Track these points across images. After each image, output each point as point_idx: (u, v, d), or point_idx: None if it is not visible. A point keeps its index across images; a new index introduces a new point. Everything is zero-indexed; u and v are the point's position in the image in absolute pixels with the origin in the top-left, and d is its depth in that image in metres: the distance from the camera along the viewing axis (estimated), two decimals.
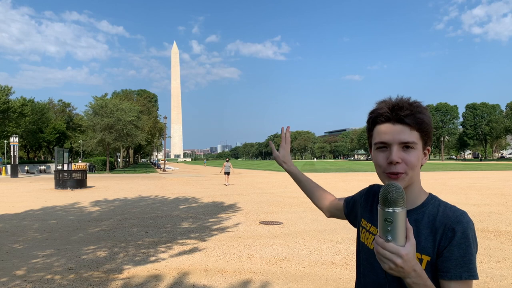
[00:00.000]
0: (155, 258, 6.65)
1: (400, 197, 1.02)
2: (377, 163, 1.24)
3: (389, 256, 1.02)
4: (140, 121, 50.77)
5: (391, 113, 1.20)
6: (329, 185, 23.14)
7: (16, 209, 13.12)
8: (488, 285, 5.19)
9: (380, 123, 1.23)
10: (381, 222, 1.04)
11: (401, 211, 1.02)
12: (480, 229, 9.05)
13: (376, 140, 1.23)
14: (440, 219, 1.21)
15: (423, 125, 1.20)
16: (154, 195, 17.58)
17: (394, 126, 1.19)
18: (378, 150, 1.23)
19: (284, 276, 5.58)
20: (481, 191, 18.27)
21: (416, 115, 1.19)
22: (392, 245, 1.02)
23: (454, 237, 1.16)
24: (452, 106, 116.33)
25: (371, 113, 1.27)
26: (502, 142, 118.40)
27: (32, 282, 5.37)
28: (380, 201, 1.05)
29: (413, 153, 1.19)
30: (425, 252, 1.18)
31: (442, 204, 1.26)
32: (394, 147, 1.18)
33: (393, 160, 1.17)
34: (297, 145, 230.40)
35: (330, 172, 42.76)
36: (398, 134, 1.18)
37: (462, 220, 1.19)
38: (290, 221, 10.32)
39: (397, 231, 1.02)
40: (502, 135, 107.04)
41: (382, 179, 1.24)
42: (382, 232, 1.04)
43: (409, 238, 1.04)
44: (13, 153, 35.81)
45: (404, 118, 1.18)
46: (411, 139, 1.18)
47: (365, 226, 1.38)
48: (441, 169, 47.30)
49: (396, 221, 1.01)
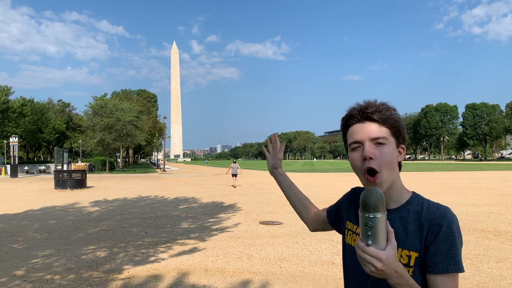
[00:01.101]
0: (155, 258, 6.65)
1: (380, 202, 1.03)
2: (353, 163, 1.27)
3: (369, 259, 1.04)
4: (140, 121, 50.76)
5: (360, 113, 1.26)
6: (329, 185, 23.15)
7: (16, 209, 13.11)
8: (488, 285, 5.19)
9: (351, 125, 1.29)
10: (361, 227, 1.06)
11: (381, 216, 1.03)
12: (480, 229, 9.05)
13: (350, 141, 1.28)
14: (425, 215, 1.23)
15: (391, 120, 1.25)
16: (153, 195, 17.58)
17: (364, 124, 1.25)
18: (353, 151, 1.27)
19: (284, 276, 5.58)
20: (481, 191, 18.28)
21: (382, 112, 1.25)
22: (372, 249, 1.04)
23: (440, 231, 1.19)
24: (452, 106, 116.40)
25: (343, 119, 1.33)
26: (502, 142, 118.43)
27: (32, 282, 5.37)
28: (360, 206, 1.06)
29: (385, 148, 1.22)
30: (413, 248, 1.21)
31: (425, 201, 1.29)
32: (366, 143, 1.22)
33: (366, 155, 1.21)
34: (297, 145, 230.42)
35: (330, 172, 42.76)
36: (368, 130, 1.23)
37: (447, 215, 1.22)
38: (290, 221, 10.32)
39: (378, 235, 1.04)
40: (501, 135, 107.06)
41: (363, 182, 1.27)
42: (362, 236, 1.06)
43: (390, 241, 1.06)
44: (12, 153, 35.80)
45: (371, 115, 1.24)
46: (380, 134, 1.22)
47: (350, 228, 1.40)
48: (441, 169, 47.32)
49: (376, 226, 1.03)
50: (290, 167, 64.83)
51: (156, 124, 69.71)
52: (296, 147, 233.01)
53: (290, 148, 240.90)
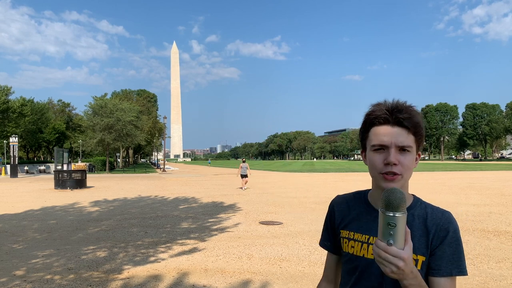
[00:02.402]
0: (155, 258, 6.65)
1: (402, 202, 1.04)
2: (373, 164, 1.26)
3: (392, 259, 1.04)
4: (140, 121, 50.76)
5: (391, 115, 1.22)
6: (329, 185, 23.15)
7: (16, 209, 13.10)
8: (488, 285, 5.19)
9: (378, 124, 1.25)
10: (383, 226, 1.06)
11: (402, 215, 1.05)
12: (480, 229, 9.05)
13: (374, 142, 1.25)
14: (431, 220, 1.26)
15: (419, 128, 1.24)
16: (153, 195, 17.57)
17: (393, 128, 1.22)
18: (374, 152, 1.25)
19: (284, 276, 5.58)
20: (481, 191, 18.27)
21: (413, 119, 1.23)
22: (395, 248, 1.04)
23: (446, 236, 1.23)
24: (452, 106, 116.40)
25: (368, 115, 1.29)
26: (502, 142, 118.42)
27: (32, 282, 5.36)
28: (382, 205, 1.07)
29: (409, 156, 1.23)
30: (420, 252, 1.23)
31: (428, 205, 1.32)
32: (392, 149, 1.21)
33: (391, 161, 1.20)
34: (297, 145, 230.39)
35: (330, 172, 42.77)
36: (396, 136, 1.21)
37: (452, 221, 1.26)
38: (290, 221, 10.31)
39: (398, 235, 1.05)
40: (502, 135, 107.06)
41: (377, 181, 1.27)
42: (383, 236, 1.06)
43: (407, 241, 1.07)
44: (12, 153, 35.81)
45: (403, 121, 1.21)
46: (407, 143, 1.22)
47: (346, 236, 1.38)
48: (441, 169, 47.32)
49: (398, 225, 1.04)
50: (290, 167, 64.83)
51: (156, 124, 69.72)
52: (296, 147, 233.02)
53: (290, 148, 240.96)
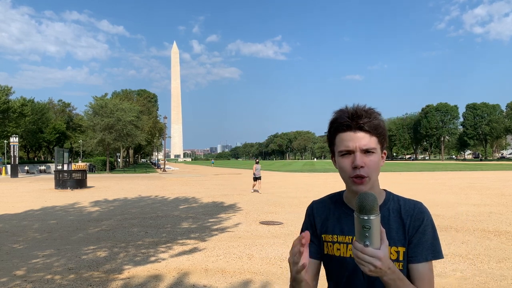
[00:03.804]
0: (155, 258, 6.65)
1: (375, 204, 1.10)
2: (342, 168, 1.36)
3: (369, 259, 1.10)
4: (140, 121, 50.79)
5: (351, 121, 1.32)
6: (329, 185, 23.14)
7: (16, 209, 13.11)
8: (488, 285, 5.19)
9: (341, 131, 1.35)
10: (358, 229, 1.12)
11: (376, 217, 1.10)
12: (481, 229, 9.05)
13: (341, 148, 1.35)
14: (405, 212, 1.36)
15: (379, 129, 1.34)
16: (154, 195, 17.58)
17: (356, 134, 1.32)
18: (342, 157, 1.35)
19: (284, 276, 5.58)
20: (481, 191, 18.26)
21: (373, 121, 1.32)
22: (371, 249, 1.10)
23: (420, 225, 1.33)
24: (452, 106, 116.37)
25: (332, 123, 1.38)
26: (502, 142, 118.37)
27: (32, 282, 5.36)
28: (356, 209, 1.12)
29: (374, 157, 1.33)
30: (400, 244, 1.33)
31: (400, 198, 1.42)
32: (357, 153, 1.31)
33: (358, 165, 1.30)
34: (297, 145, 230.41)
35: (330, 172, 42.75)
36: (359, 141, 1.31)
37: (424, 210, 1.36)
38: (290, 221, 10.31)
39: (374, 236, 1.10)
40: (502, 135, 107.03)
41: (348, 184, 1.37)
42: (359, 238, 1.12)
43: (383, 240, 1.13)
44: (13, 153, 35.83)
45: (364, 126, 1.31)
46: (371, 145, 1.31)
47: (328, 240, 1.43)
48: (441, 169, 47.32)
49: (372, 227, 1.10)
50: (291, 167, 64.85)
51: (157, 124, 69.75)
52: (297, 147, 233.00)
53: (290, 148, 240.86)
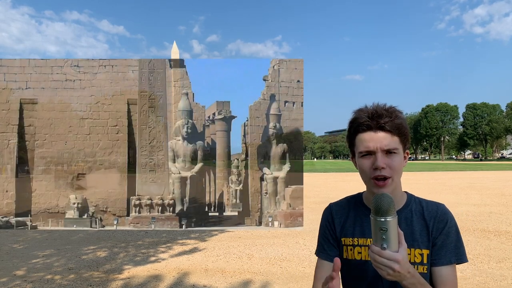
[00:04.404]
0: (155, 258, 6.65)
1: (391, 206, 1.07)
2: (362, 169, 1.29)
3: (387, 263, 1.06)
4: None
5: (371, 121, 1.25)
6: (329, 185, 23.14)
7: None
8: (488, 285, 5.18)
9: (361, 132, 1.28)
10: (375, 231, 1.09)
11: (393, 219, 1.07)
12: (481, 229, 9.04)
13: (361, 149, 1.28)
14: (428, 213, 1.31)
15: (402, 129, 1.27)
16: None
17: (376, 134, 1.25)
18: (363, 158, 1.28)
19: (284, 276, 5.58)
20: (481, 191, 18.26)
21: (395, 121, 1.26)
22: (389, 252, 1.06)
23: (445, 227, 1.28)
24: (452, 106, 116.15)
25: (351, 122, 1.32)
26: (502, 142, 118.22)
27: (32, 282, 5.36)
28: (372, 211, 1.09)
29: (396, 157, 1.26)
30: (424, 246, 1.27)
31: (422, 200, 1.36)
32: (379, 153, 1.24)
33: (379, 166, 1.23)
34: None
35: (330, 172, 42.75)
36: (381, 141, 1.24)
37: (447, 212, 1.32)
38: None
39: (391, 238, 1.07)
40: (502, 135, 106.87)
41: (369, 186, 1.30)
42: (376, 240, 1.08)
43: (401, 243, 1.09)
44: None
45: (385, 125, 1.24)
46: (393, 146, 1.25)
47: (348, 243, 1.38)
48: (441, 169, 47.31)
49: (389, 229, 1.06)
50: None
51: None
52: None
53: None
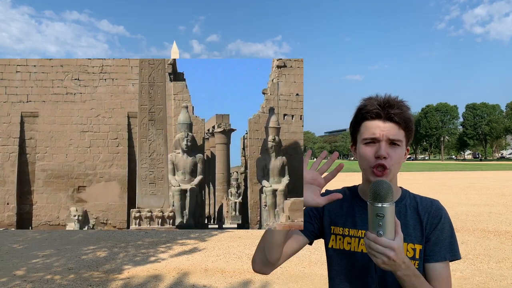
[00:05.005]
0: (155, 258, 6.65)
1: (389, 192, 1.06)
2: (363, 157, 1.28)
3: (382, 250, 1.05)
4: None
5: (382, 110, 1.24)
6: (329, 185, 23.08)
7: None
8: (488, 285, 5.18)
9: (369, 119, 1.27)
10: (371, 217, 1.08)
11: (390, 206, 1.06)
12: (480, 229, 9.04)
13: (365, 135, 1.27)
14: (422, 208, 1.30)
15: (409, 124, 1.27)
16: None
17: (384, 124, 1.24)
18: (366, 145, 1.27)
19: (284, 276, 5.58)
20: (481, 191, 18.26)
21: (404, 114, 1.25)
22: (385, 239, 1.05)
23: (439, 223, 1.27)
24: (452, 106, 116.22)
25: (360, 109, 1.31)
26: (502, 142, 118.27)
27: (32, 282, 5.37)
28: (370, 197, 1.08)
29: (399, 150, 1.26)
30: (417, 241, 1.27)
31: (416, 196, 1.37)
32: (383, 142, 1.24)
33: (382, 155, 1.23)
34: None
35: None
36: (388, 130, 1.24)
37: (442, 208, 1.31)
38: None
39: (387, 225, 1.06)
40: (502, 135, 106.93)
41: (367, 174, 1.29)
42: (373, 227, 1.07)
43: (397, 232, 1.08)
44: None
45: (394, 116, 1.24)
46: (398, 137, 1.25)
47: (338, 232, 1.37)
48: (441, 169, 47.33)
49: (386, 215, 1.05)
50: None
51: None
52: None
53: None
